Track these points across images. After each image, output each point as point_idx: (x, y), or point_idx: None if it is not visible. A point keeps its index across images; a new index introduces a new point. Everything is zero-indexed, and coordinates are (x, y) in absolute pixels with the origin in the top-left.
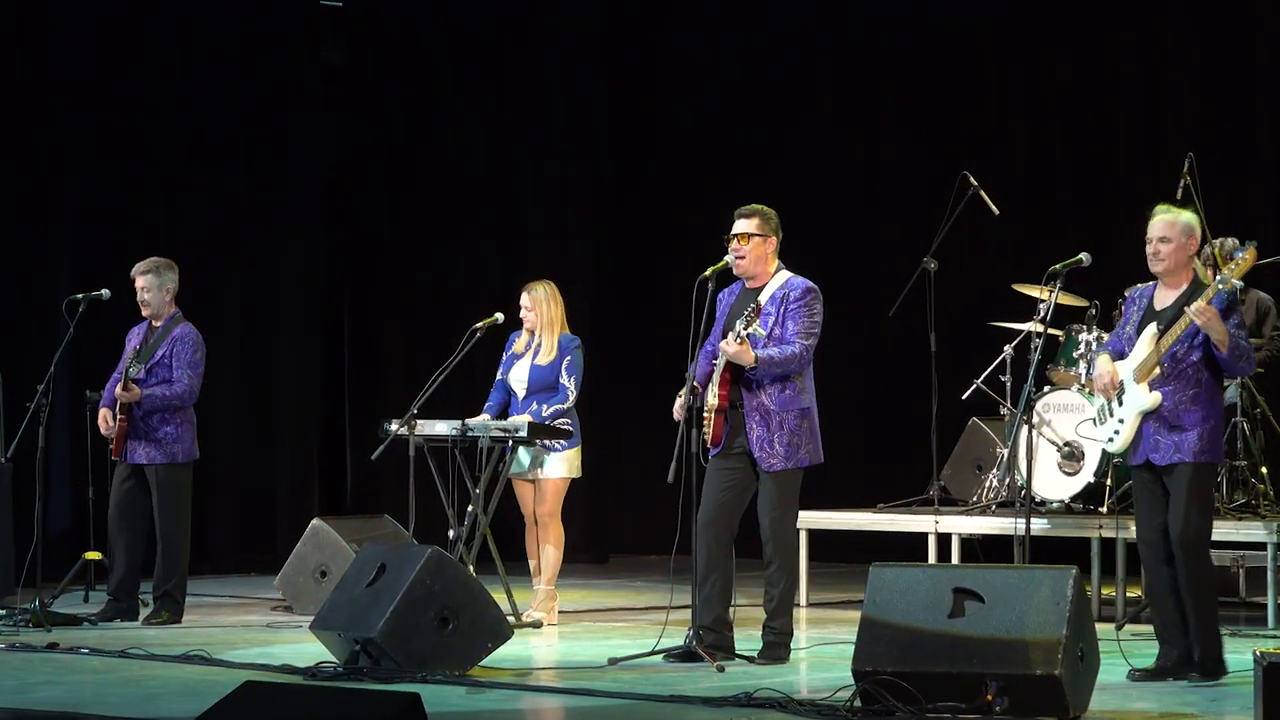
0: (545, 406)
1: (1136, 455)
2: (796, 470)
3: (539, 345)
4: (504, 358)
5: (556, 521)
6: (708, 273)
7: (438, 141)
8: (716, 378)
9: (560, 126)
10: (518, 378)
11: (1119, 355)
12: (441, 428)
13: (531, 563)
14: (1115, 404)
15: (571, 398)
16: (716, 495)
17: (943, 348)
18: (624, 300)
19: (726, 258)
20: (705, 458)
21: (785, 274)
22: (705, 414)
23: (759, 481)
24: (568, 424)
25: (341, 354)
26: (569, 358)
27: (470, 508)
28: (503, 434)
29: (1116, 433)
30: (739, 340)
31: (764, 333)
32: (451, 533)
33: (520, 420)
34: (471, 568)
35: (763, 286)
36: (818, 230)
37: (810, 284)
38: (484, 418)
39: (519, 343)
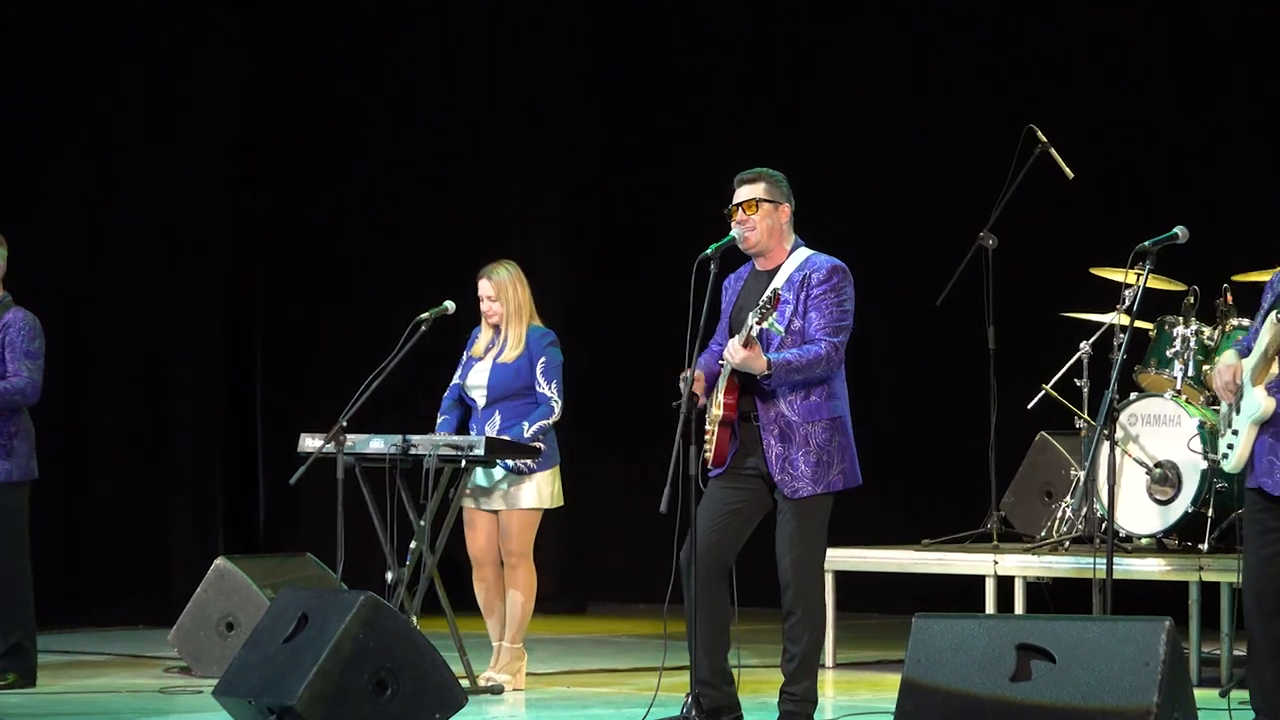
0: (528, 424)
1: (1251, 477)
2: (826, 496)
3: (505, 340)
4: (463, 359)
5: (527, 563)
6: (710, 250)
7: (374, 89)
8: (721, 384)
9: (527, 71)
10: (475, 383)
11: (1248, 354)
12: (377, 444)
13: (489, 622)
14: (1235, 411)
15: (557, 409)
16: (712, 520)
17: (1003, 344)
18: (605, 288)
19: (733, 231)
20: (705, 481)
21: (805, 251)
22: (708, 426)
23: (776, 511)
24: (540, 442)
25: (253, 353)
26: (544, 358)
27: (413, 544)
28: (454, 452)
29: (1231, 447)
30: (745, 342)
31: (782, 328)
32: (390, 575)
33: (514, 434)
34: (415, 618)
35: (777, 267)
36: (845, 199)
37: (837, 262)
38: (439, 425)
39: (479, 343)
